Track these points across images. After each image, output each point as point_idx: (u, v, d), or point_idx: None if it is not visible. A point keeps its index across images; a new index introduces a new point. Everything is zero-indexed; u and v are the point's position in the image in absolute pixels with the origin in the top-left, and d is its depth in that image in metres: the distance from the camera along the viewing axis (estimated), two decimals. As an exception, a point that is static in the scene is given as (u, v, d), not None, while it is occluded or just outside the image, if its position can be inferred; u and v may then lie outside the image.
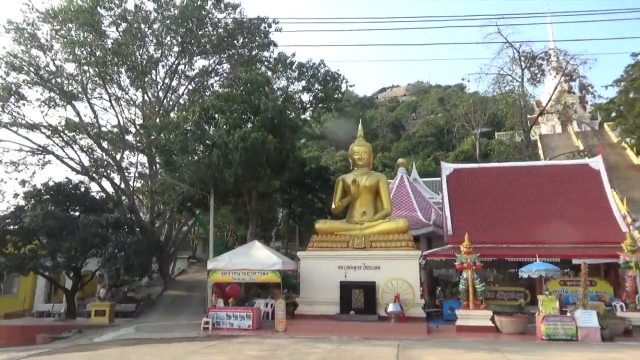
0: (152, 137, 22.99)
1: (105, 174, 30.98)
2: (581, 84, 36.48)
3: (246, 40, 31.26)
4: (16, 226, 21.96)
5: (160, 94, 31.36)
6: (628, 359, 11.13)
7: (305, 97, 30.19)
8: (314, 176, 27.93)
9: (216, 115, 21.22)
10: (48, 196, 23.66)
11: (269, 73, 29.57)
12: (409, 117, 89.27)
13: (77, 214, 23.98)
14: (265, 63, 31.37)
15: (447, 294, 20.25)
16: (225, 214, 32.34)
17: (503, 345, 13.10)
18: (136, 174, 32.95)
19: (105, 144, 30.98)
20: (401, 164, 29.17)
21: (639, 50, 39.30)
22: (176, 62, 30.84)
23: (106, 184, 30.87)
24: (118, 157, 31.26)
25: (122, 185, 30.92)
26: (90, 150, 30.92)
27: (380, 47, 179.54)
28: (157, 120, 27.66)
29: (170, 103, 32.34)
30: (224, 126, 20.71)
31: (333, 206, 21.41)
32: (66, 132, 29.10)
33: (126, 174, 31.51)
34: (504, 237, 19.08)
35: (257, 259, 18.00)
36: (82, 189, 25.72)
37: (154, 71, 30.70)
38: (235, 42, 31.25)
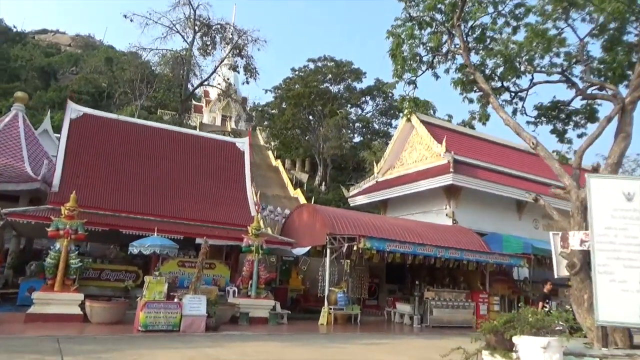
0: None
1: None
2: (247, 65, 36.31)
3: None
4: None
5: None
6: (223, 354, 9.27)
7: None
8: None
9: None
10: None
11: None
12: (68, 70, 77.06)
13: None
14: None
15: (37, 270, 15.24)
16: None
17: (75, 342, 9.42)
18: None
19: None
20: (20, 98, 21.68)
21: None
22: None
23: None
24: None
25: None
26: None
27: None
28: None
29: None
30: None
31: None
32: None
33: None
34: (127, 205, 15.65)
35: None
36: None
37: None
38: None
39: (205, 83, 36.17)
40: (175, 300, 11.89)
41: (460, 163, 21.63)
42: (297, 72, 46.61)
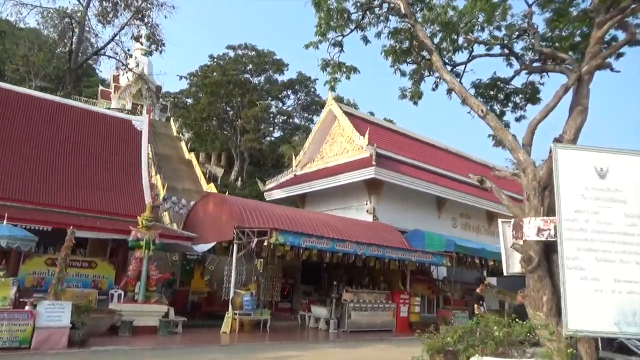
0: None
1: None
2: (151, 34, 30.48)
3: None
4: None
5: None
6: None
7: None
8: None
9: None
10: None
11: None
12: (-49, 43, 67.57)
13: None
14: None
15: None
16: None
17: None
18: None
19: None
20: None
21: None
22: None
23: None
24: None
25: None
26: None
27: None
28: None
29: None
30: None
31: None
32: None
33: None
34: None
35: None
36: None
37: None
38: None
39: (101, 52, 31.18)
40: (27, 307, 9.14)
41: (382, 157, 20.46)
42: (215, 60, 43.70)
